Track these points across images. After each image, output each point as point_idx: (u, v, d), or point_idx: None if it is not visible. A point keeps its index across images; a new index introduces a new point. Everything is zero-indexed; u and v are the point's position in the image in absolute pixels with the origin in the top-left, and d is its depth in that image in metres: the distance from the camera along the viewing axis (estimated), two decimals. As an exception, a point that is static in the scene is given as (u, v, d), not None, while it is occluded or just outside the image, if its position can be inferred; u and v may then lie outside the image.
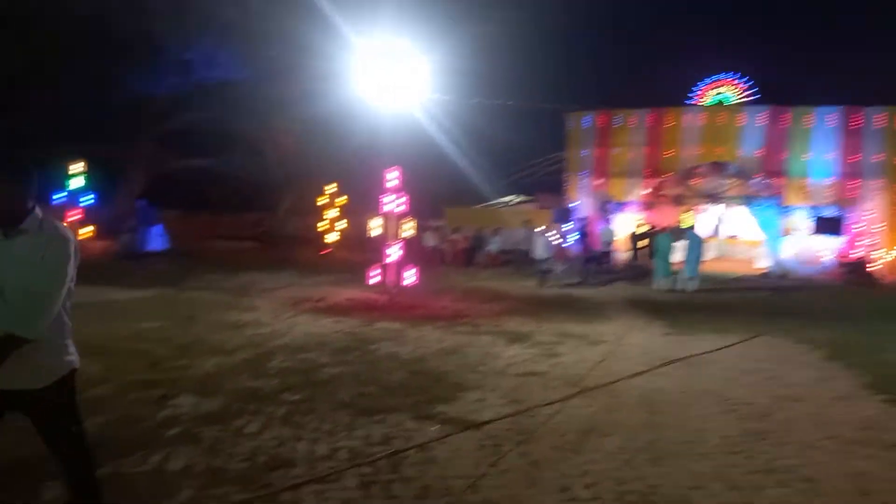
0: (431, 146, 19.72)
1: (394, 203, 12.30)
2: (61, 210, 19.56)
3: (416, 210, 13.81)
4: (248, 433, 4.70)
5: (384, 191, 12.26)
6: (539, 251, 15.92)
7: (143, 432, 4.63)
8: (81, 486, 2.86)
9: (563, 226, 19.23)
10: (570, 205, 23.01)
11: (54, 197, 19.71)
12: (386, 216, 12.47)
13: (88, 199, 19.80)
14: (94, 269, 14.81)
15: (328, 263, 19.20)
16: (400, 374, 6.68)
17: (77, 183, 19.53)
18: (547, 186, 28.65)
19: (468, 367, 7.15)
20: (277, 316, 9.91)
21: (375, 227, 12.74)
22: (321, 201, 23.84)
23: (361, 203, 19.68)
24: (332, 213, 24.05)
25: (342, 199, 24.04)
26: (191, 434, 4.62)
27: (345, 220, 24.09)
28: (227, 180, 23.22)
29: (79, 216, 19.45)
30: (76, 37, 18.70)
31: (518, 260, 21.87)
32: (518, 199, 30.25)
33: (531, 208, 27.01)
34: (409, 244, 13.16)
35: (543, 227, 17.04)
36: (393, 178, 12.31)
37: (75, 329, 2.92)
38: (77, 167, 19.57)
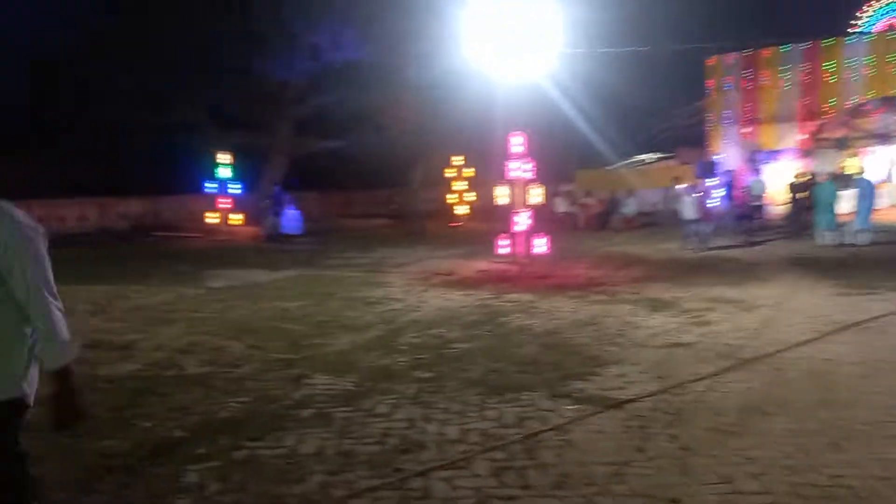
0: (558, 107, 18.92)
1: (520, 169, 11.87)
2: (212, 199, 21.18)
3: (545, 175, 13.27)
4: (378, 414, 4.62)
5: (509, 157, 11.86)
6: (683, 211, 14.79)
7: (279, 413, 4.69)
8: None
9: (707, 181, 17.76)
10: (714, 158, 21.24)
11: (206, 186, 21.37)
12: (512, 183, 12.08)
13: (237, 188, 21.22)
14: (243, 254, 15.88)
15: (458, 236, 19.20)
16: (532, 348, 6.36)
17: (225, 172, 20.98)
18: (687, 141, 26.73)
19: (606, 339, 6.67)
20: (409, 291, 9.93)
21: (501, 195, 12.37)
22: (449, 174, 23.87)
23: (490, 173, 19.42)
24: (460, 185, 24.02)
25: (470, 171, 23.91)
26: (324, 415, 4.61)
27: (474, 192, 23.97)
28: (359, 159, 23.88)
29: (228, 204, 20.94)
30: (218, 33, 19.96)
31: (657, 222, 20.63)
32: (655, 157, 28.51)
33: (671, 165, 25.32)
34: (539, 211, 12.69)
35: (687, 185, 15.81)
36: (518, 143, 11.87)
37: (226, 310, 2.84)
38: (225, 157, 21.00)
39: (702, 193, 14.98)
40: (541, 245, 11.82)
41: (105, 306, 8.84)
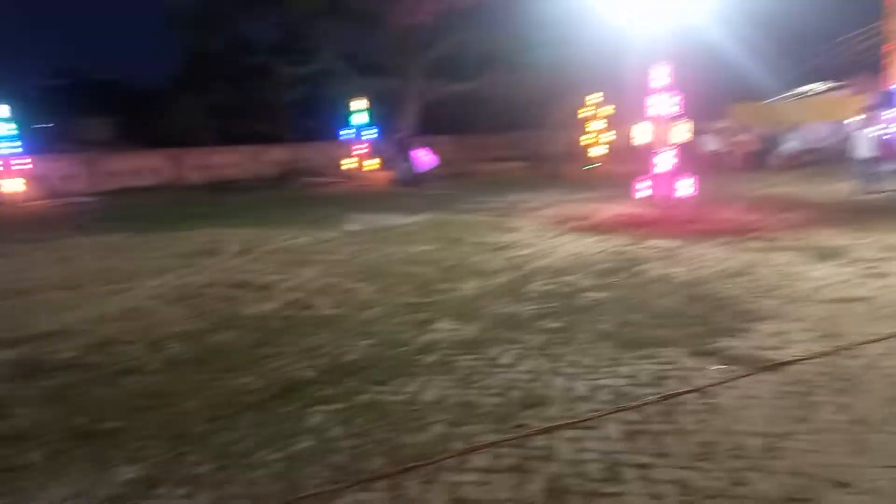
0: (710, 33, 17.11)
1: (664, 104, 10.88)
2: (348, 145, 21.79)
3: (693, 111, 12.10)
4: (502, 364, 4.42)
5: (651, 91, 10.90)
6: (857, 148, 12.97)
7: (403, 358, 4.64)
8: None
9: (885, 113, 15.40)
10: (893, 87, 18.36)
11: (341, 133, 22.00)
12: (654, 120, 11.13)
13: (372, 133, 21.65)
14: (378, 198, 16.25)
15: (595, 179, 18.32)
16: (673, 299, 5.83)
17: (361, 119, 21.42)
18: (863, 67, 23.34)
19: (761, 291, 5.96)
20: (540, 236, 9.57)
21: (641, 133, 11.46)
22: (584, 113, 22.73)
23: (627, 111, 18.18)
24: (597, 125, 22.83)
25: (608, 109, 22.60)
26: (446, 362, 4.49)
27: (612, 132, 22.69)
28: (491, 101, 23.37)
29: (364, 150, 21.44)
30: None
31: (824, 160, 18.42)
32: (824, 87, 25.26)
33: (843, 96, 22.33)
34: (685, 150, 11.63)
35: (862, 118, 13.81)
36: (662, 75, 10.86)
37: (360, 253, 2.73)
38: (360, 104, 21.41)
39: (879, 127, 13.00)
40: (686, 187, 10.88)
41: (251, 248, 9.34)
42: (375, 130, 21.65)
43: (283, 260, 8.49)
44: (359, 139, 21.55)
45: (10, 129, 17.14)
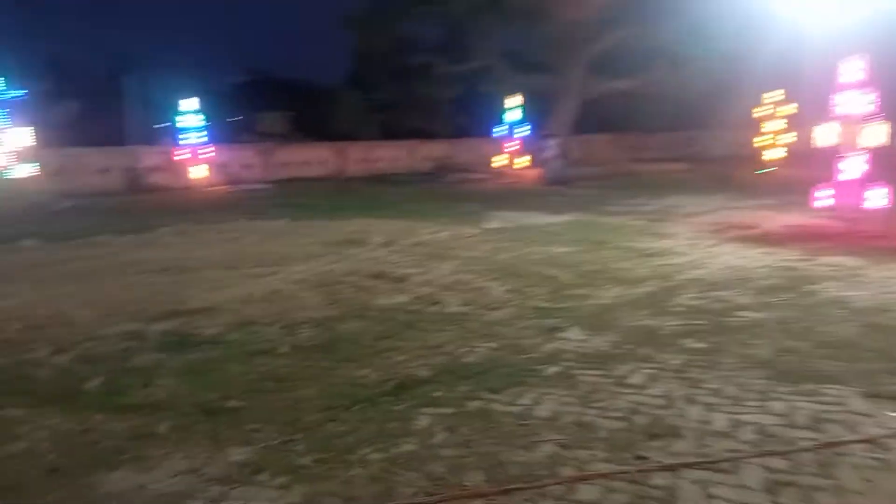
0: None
1: (855, 102, 9.51)
2: (499, 142, 21.68)
3: (891, 110, 10.48)
4: (631, 384, 4.01)
5: (839, 88, 9.58)
6: None
7: (523, 366, 4.38)
8: None
9: None
10: None
11: (494, 130, 21.95)
12: (843, 120, 9.77)
13: (525, 131, 21.38)
14: (524, 196, 15.97)
15: (769, 184, 16.62)
16: (848, 327, 4.99)
17: (514, 115, 21.23)
18: None
19: (967, 326, 4.94)
20: (695, 244, 8.78)
21: (826, 135, 10.12)
22: (759, 112, 20.72)
23: (814, 110, 16.26)
24: (774, 125, 20.71)
25: (790, 108, 20.42)
26: (569, 376, 4.17)
27: (793, 133, 20.46)
28: (653, 99, 22.10)
29: (516, 147, 21.23)
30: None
31: None
32: None
33: None
34: (879, 155, 10.09)
35: None
36: (855, 70, 9.49)
37: (496, 251, 2.57)
38: (514, 100, 21.22)
39: None
40: (878, 197, 9.42)
41: (394, 240, 9.53)
42: (528, 128, 21.37)
43: (422, 253, 8.54)
44: (511, 136, 21.39)
45: (199, 120, 19.08)
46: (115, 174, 18.88)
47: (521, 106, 21.18)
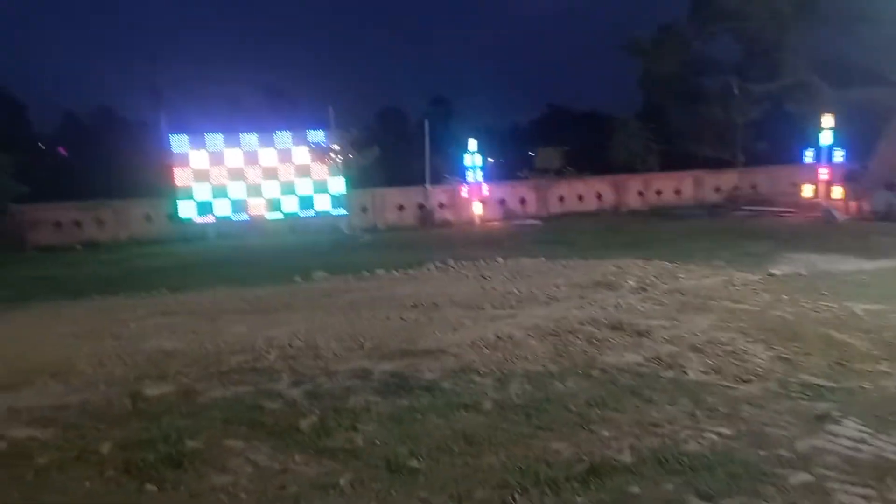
0: None
1: None
2: (809, 170, 18.55)
3: None
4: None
5: None
6: None
7: (760, 467, 3.40)
8: None
9: None
10: None
11: (804, 155, 18.88)
12: None
13: (839, 155, 18.04)
14: (831, 235, 13.27)
15: None
16: None
17: (826, 138, 18.05)
18: None
19: None
20: None
21: None
22: None
23: None
24: None
25: None
26: (823, 491, 3.10)
27: None
28: None
29: (828, 175, 17.96)
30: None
31: None
32: None
33: None
34: None
35: None
36: None
37: (773, 304, 2.10)
38: (827, 120, 18.07)
39: None
40: None
41: (651, 284, 8.64)
42: (843, 152, 18.01)
43: (678, 302, 7.55)
44: (822, 162, 18.22)
45: (478, 159, 20.25)
46: (409, 210, 21.01)
47: (834, 127, 17.96)
